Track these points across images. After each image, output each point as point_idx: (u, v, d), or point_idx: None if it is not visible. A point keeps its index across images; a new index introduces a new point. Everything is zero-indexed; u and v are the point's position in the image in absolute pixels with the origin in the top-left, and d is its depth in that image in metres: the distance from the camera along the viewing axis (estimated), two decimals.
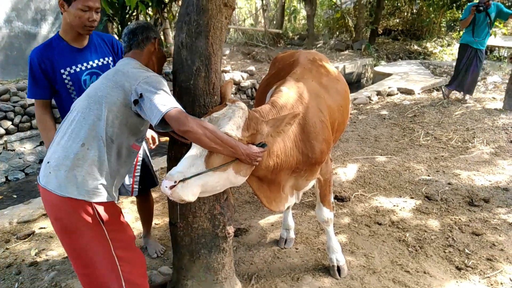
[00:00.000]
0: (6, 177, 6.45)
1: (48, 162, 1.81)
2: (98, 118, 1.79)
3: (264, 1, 14.41)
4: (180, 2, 8.55)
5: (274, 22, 15.31)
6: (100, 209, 1.81)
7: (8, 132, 6.71)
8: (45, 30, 8.46)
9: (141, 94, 1.76)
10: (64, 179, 1.74)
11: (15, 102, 6.98)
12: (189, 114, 2.08)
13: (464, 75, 6.73)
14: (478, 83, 6.91)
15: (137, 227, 3.49)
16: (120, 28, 8.39)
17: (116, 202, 1.95)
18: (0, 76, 7.93)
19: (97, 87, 1.87)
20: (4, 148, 6.66)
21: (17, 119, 6.80)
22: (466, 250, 2.97)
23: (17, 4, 7.95)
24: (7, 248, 3.21)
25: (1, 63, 7.93)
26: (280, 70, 2.84)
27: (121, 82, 1.82)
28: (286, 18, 16.49)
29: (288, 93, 2.29)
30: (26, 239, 3.33)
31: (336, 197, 3.86)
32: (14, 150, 6.73)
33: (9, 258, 3.07)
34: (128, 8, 7.78)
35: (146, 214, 3.10)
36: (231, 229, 2.33)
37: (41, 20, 8.37)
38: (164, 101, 1.73)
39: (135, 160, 2.18)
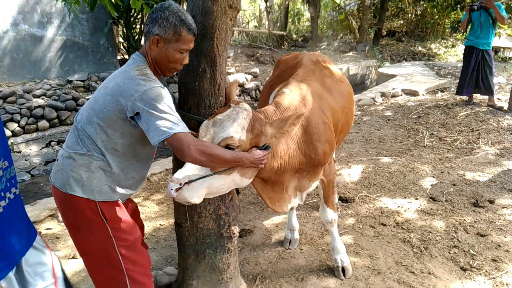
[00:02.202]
0: None
1: (57, 160, 1.88)
2: (97, 131, 1.78)
3: (268, 3, 14.44)
4: (185, 5, 8.59)
5: (278, 24, 15.34)
6: (104, 207, 1.83)
7: (14, 134, 6.77)
8: (51, 33, 8.54)
9: (137, 112, 1.69)
10: (69, 177, 1.79)
11: (21, 104, 7.05)
12: (194, 115, 2.12)
13: (474, 77, 6.58)
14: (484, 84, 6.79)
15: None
16: (125, 31, 8.44)
17: (122, 201, 1.96)
18: (6, 78, 8.01)
19: (97, 98, 1.81)
20: (10, 150, 6.72)
21: (23, 121, 6.87)
22: (471, 251, 2.97)
23: (24, 8, 8.03)
24: None
25: (8, 65, 8.01)
26: (284, 72, 2.86)
27: (117, 96, 1.73)
28: (290, 20, 16.52)
29: (291, 95, 2.31)
30: None
31: (340, 198, 3.87)
32: (20, 152, 6.80)
33: None
34: (133, 10, 7.83)
35: None
36: (236, 229, 2.35)
37: (47, 23, 8.45)
38: (162, 124, 1.65)
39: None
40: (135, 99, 1.67)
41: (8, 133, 6.66)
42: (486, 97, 6.83)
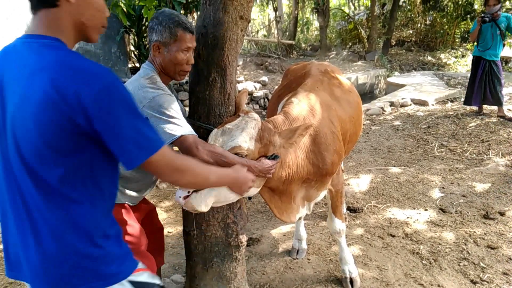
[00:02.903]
0: None
1: None
2: None
3: (277, 13, 14.54)
4: (195, 14, 8.70)
5: (287, 33, 15.42)
6: None
7: None
8: None
9: (146, 118, 1.75)
10: None
11: None
12: (203, 124, 2.14)
13: (481, 87, 6.54)
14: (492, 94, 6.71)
15: None
16: (136, 40, 8.54)
17: (130, 204, 2.00)
18: None
19: None
20: None
21: None
22: (481, 264, 2.93)
23: None
24: None
25: None
26: (292, 81, 2.88)
27: None
28: (299, 29, 16.60)
29: (300, 105, 2.32)
30: None
31: (348, 208, 3.85)
32: None
33: None
34: (145, 19, 7.93)
35: None
36: (244, 238, 2.35)
37: None
38: (170, 127, 1.71)
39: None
40: (144, 106, 1.72)
41: None
42: (496, 107, 6.77)
